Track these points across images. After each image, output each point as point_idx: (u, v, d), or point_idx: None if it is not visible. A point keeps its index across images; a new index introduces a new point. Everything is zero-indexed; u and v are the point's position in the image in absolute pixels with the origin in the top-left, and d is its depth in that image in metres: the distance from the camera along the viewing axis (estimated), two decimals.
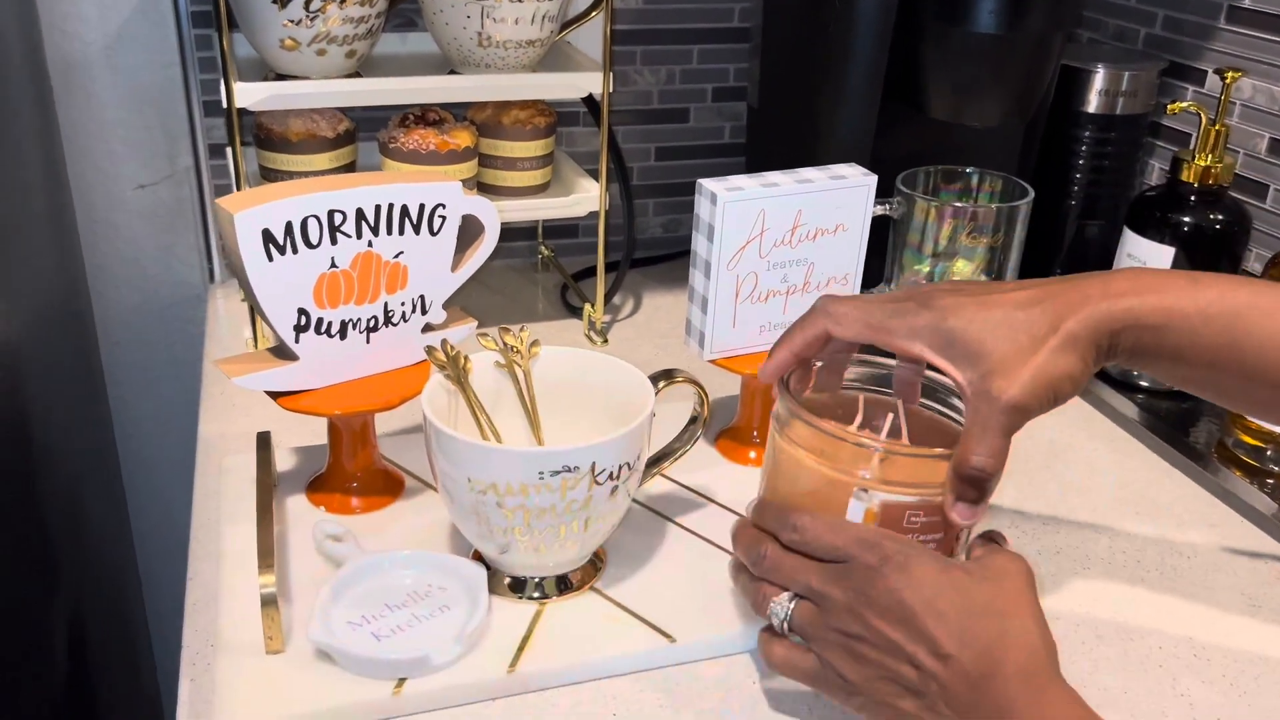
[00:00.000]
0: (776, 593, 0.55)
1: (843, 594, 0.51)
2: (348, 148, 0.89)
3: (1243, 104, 0.94)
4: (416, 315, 0.69)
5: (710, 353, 0.74)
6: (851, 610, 0.51)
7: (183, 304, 1.05)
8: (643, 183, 1.12)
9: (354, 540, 0.65)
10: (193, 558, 0.68)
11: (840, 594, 0.51)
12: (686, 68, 1.09)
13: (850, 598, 0.51)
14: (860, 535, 0.52)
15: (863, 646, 0.51)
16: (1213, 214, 0.85)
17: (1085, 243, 1.04)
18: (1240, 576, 0.70)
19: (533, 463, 0.56)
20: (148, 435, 1.08)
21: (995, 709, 0.48)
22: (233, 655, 0.58)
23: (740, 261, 0.71)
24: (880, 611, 0.50)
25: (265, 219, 0.60)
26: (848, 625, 0.51)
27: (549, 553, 0.60)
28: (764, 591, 0.55)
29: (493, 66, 0.86)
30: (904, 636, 0.49)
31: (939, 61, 0.85)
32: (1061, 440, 0.85)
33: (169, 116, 0.98)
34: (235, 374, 0.64)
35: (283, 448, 0.75)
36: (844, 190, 0.72)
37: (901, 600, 0.50)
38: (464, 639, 0.58)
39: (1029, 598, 0.51)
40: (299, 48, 0.80)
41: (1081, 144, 1.00)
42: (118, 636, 1.02)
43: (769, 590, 0.55)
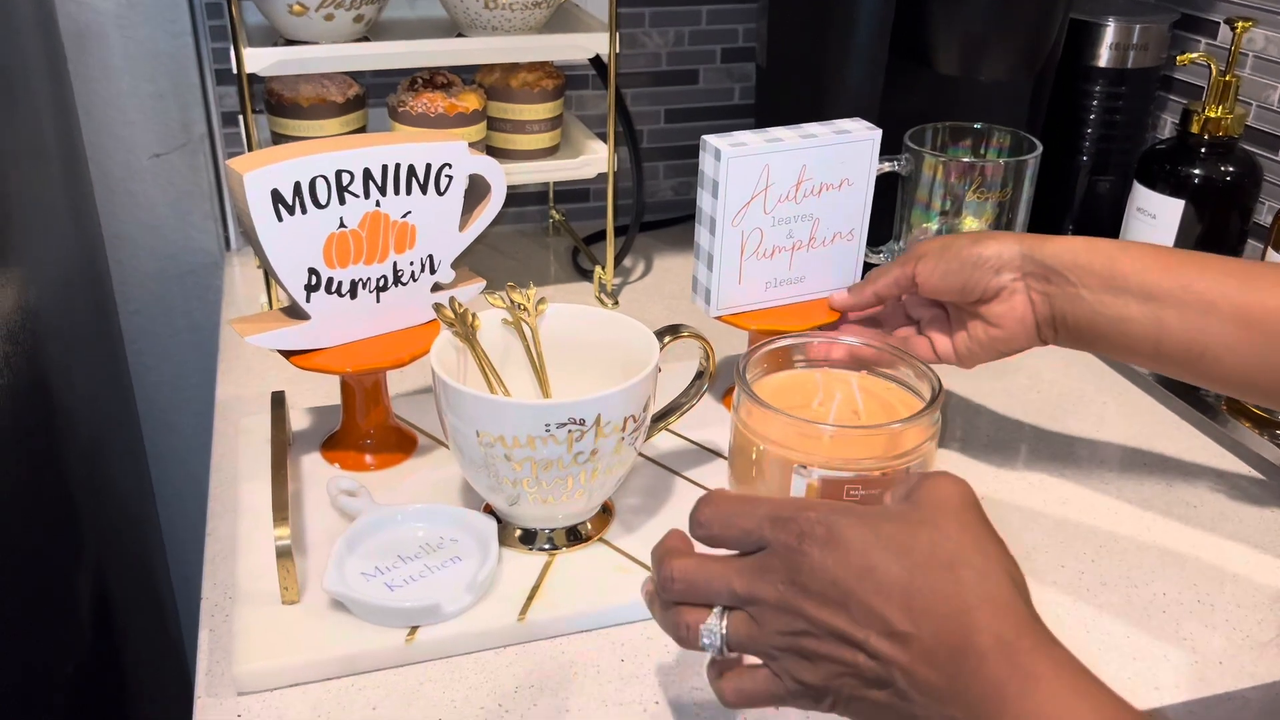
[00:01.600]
0: (701, 615, 0.46)
1: (770, 589, 0.43)
2: (357, 112, 0.90)
3: (1255, 55, 0.94)
4: (425, 275, 0.70)
5: (716, 309, 0.75)
6: (784, 605, 0.43)
7: (200, 270, 1.06)
8: (653, 145, 1.13)
9: (367, 495, 0.66)
10: (211, 514, 0.69)
11: (768, 590, 0.43)
12: (695, 29, 1.09)
13: (780, 591, 0.43)
14: (772, 512, 0.44)
15: (809, 642, 0.43)
16: (1223, 166, 0.84)
17: (1096, 198, 1.03)
18: (1247, 524, 0.71)
19: (539, 415, 0.57)
20: (167, 398, 1.10)
21: (980, 696, 0.39)
22: (250, 606, 0.59)
23: (745, 217, 0.72)
24: (814, 598, 0.42)
25: (274, 179, 0.61)
26: (787, 624, 0.43)
27: (557, 504, 0.62)
28: (685, 619, 0.46)
29: (500, 29, 0.87)
30: (848, 622, 0.41)
31: (946, 16, 0.85)
32: (1071, 393, 0.85)
33: (182, 85, 0.99)
34: (248, 333, 0.65)
35: (298, 408, 0.77)
36: (848, 145, 0.72)
37: (834, 579, 0.42)
38: (475, 588, 0.59)
39: (977, 530, 0.43)
40: (307, 13, 0.81)
41: (1092, 99, 0.99)
42: (142, 592, 1.05)
43: (691, 616, 0.46)
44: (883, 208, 0.90)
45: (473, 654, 0.58)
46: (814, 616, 0.42)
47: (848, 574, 0.42)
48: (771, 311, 0.76)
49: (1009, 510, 0.71)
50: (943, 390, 0.63)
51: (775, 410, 0.60)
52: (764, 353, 0.67)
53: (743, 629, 0.45)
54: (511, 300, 0.67)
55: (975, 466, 0.76)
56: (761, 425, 0.61)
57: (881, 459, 0.60)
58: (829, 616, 0.42)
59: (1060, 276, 0.65)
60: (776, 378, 0.68)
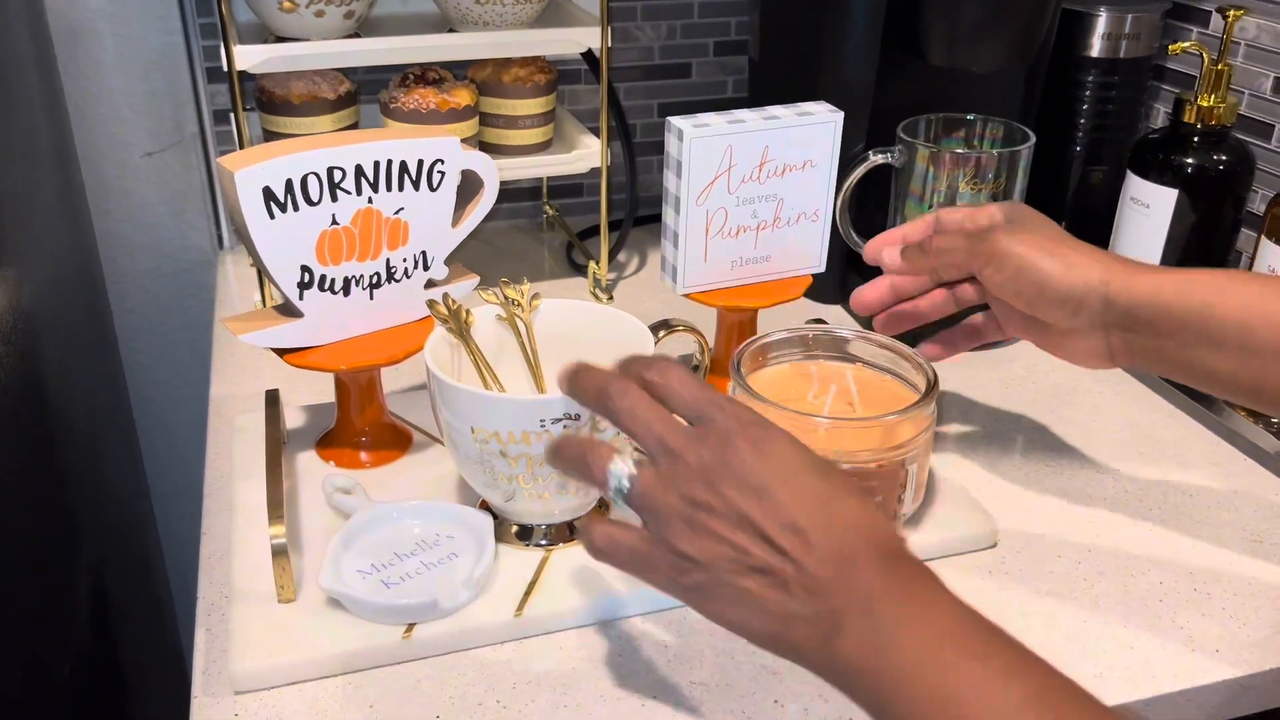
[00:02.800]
0: (610, 454, 0.48)
1: (696, 457, 0.46)
2: (349, 109, 0.90)
3: (1247, 44, 0.94)
4: (419, 271, 0.69)
5: (683, 287, 0.76)
6: (704, 476, 0.46)
7: (193, 269, 1.06)
8: (646, 139, 1.12)
9: (363, 492, 0.66)
10: (206, 513, 0.69)
11: (694, 457, 0.46)
12: (687, 22, 1.09)
13: (704, 461, 0.46)
14: (722, 399, 0.48)
15: (708, 518, 0.45)
16: (1216, 155, 0.84)
17: (1090, 188, 1.03)
18: (1242, 513, 0.71)
19: (534, 411, 0.57)
20: (162, 397, 1.10)
21: (855, 594, 0.44)
22: (246, 605, 0.59)
23: (709, 197, 0.73)
24: (736, 481, 0.45)
25: (265, 176, 0.61)
26: (696, 492, 0.46)
27: (553, 500, 0.62)
28: (599, 451, 0.49)
29: (491, 24, 0.86)
30: (758, 510, 0.45)
31: (939, 7, 0.85)
32: (1067, 384, 0.85)
33: (174, 83, 0.99)
34: (241, 331, 0.65)
35: (292, 406, 0.76)
36: (810, 126, 0.73)
37: (760, 470, 0.45)
38: (472, 584, 0.59)
39: None
40: (298, 10, 0.81)
41: (1085, 89, 0.99)
42: (139, 590, 1.05)
43: (605, 451, 0.49)
44: (877, 199, 0.90)
45: (470, 650, 0.58)
46: (727, 495, 0.45)
47: (774, 473, 0.45)
48: (738, 290, 0.77)
49: (1006, 500, 0.71)
50: (938, 383, 0.63)
51: (770, 403, 0.61)
52: (758, 346, 0.67)
53: (649, 481, 0.47)
54: (505, 296, 0.67)
55: (972, 457, 0.76)
56: None
57: (877, 451, 0.60)
58: (741, 500, 0.45)
59: (1147, 326, 0.59)
60: (771, 370, 0.68)
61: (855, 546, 0.44)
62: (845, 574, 0.44)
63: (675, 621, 0.61)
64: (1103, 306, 0.60)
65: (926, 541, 0.66)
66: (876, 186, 0.89)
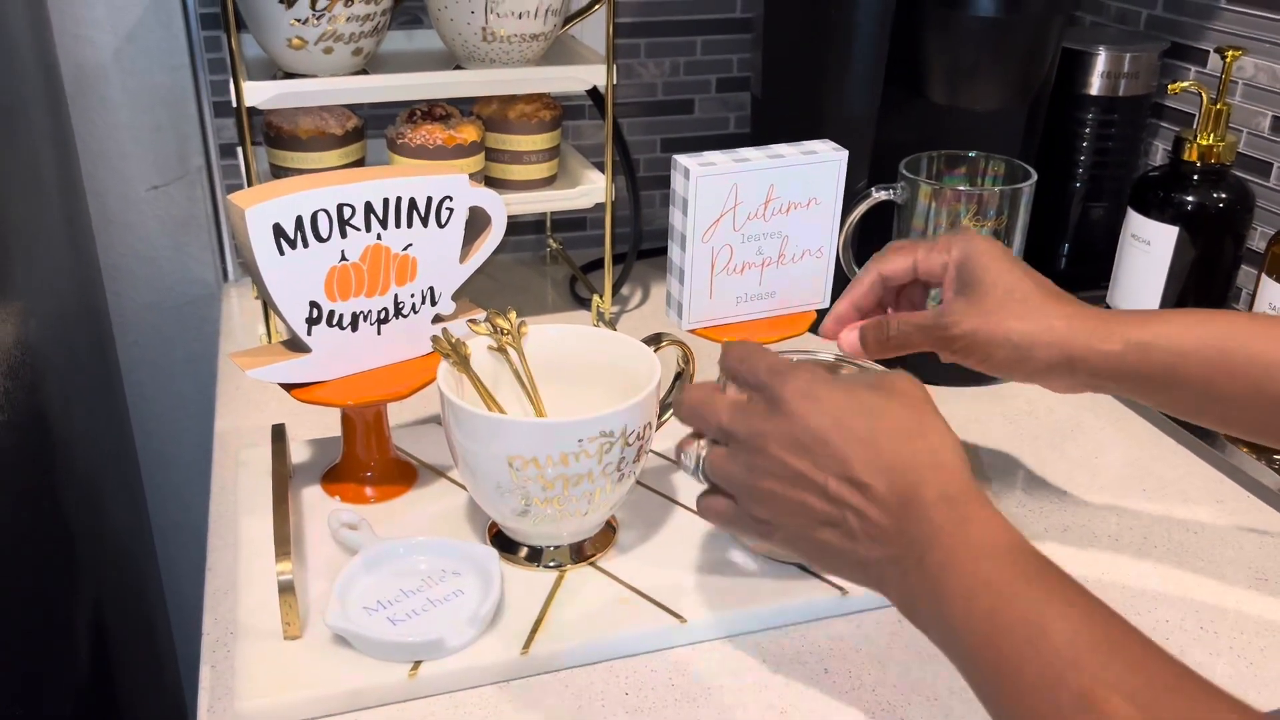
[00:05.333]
0: (692, 442, 0.55)
1: (745, 429, 0.49)
2: (356, 144, 0.90)
3: (1245, 83, 0.95)
4: (426, 306, 0.70)
5: (689, 322, 0.77)
6: (754, 444, 0.49)
7: (197, 302, 1.06)
8: (649, 174, 1.13)
9: (368, 528, 0.66)
10: (211, 548, 0.69)
11: (744, 429, 0.50)
12: (690, 59, 1.10)
13: (755, 429, 0.49)
14: (770, 363, 0.50)
15: (770, 481, 0.48)
16: (1216, 193, 0.85)
17: (1091, 224, 1.04)
18: (1247, 550, 0.71)
19: (573, 431, 0.59)
20: (165, 431, 1.10)
21: (918, 535, 0.45)
22: (252, 641, 0.59)
23: (715, 234, 0.74)
24: (782, 440, 0.48)
25: (276, 214, 0.62)
26: (754, 459, 0.49)
27: (587, 517, 0.63)
28: (681, 442, 0.55)
29: (497, 61, 0.87)
30: (810, 465, 0.47)
31: (940, 46, 0.86)
32: (1069, 420, 0.85)
33: (180, 117, 1.00)
34: (249, 367, 0.65)
35: (297, 440, 0.76)
36: (815, 165, 0.74)
37: (807, 426, 0.47)
38: (478, 621, 0.59)
39: (934, 415, 0.49)
40: (306, 46, 0.81)
41: (1085, 126, 1.00)
42: (139, 628, 1.04)
43: (686, 440, 0.55)
44: (880, 235, 0.91)
45: (476, 688, 0.58)
46: (777, 456, 0.48)
47: (820, 423, 0.47)
48: (743, 325, 0.78)
49: None
50: None
51: None
52: None
53: (717, 460, 0.51)
54: (495, 326, 0.68)
55: None
56: None
57: None
58: (792, 459, 0.47)
59: (1116, 385, 0.60)
60: None
61: (913, 489, 0.46)
62: (906, 518, 0.45)
63: (680, 661, 0.60)
64: (1070, 368, 0.60)
65: None
66: (879, 222, 0.89)
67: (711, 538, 0.68)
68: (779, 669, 0.60)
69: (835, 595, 0.64)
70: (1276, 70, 0.92)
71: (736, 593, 0.64)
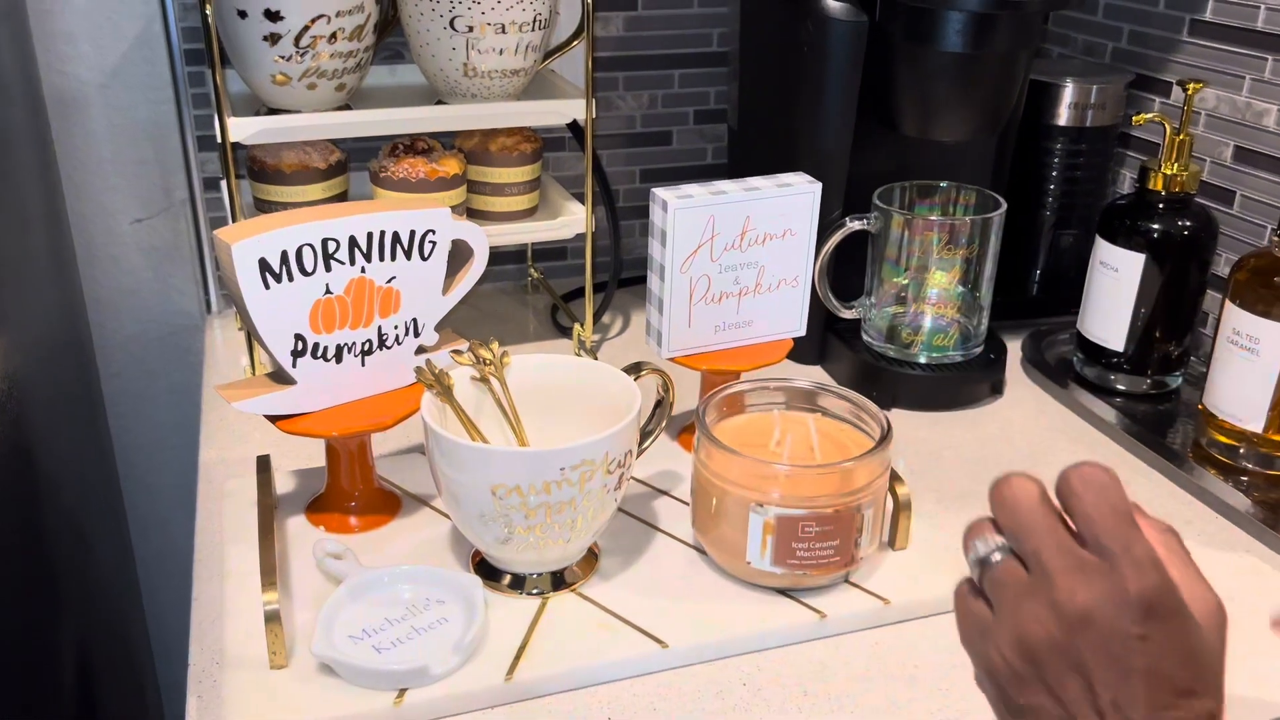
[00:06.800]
0: (990, 531, 0.44)
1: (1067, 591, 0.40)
2: (339, 178, 0.91)
3: (1208, 113, 0.97)
4: (410, 338, 0.71)
5: (669, 351, 0.78)
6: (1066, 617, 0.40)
7: (181, 334, 1.07)
8: (629, 204, 1.15)
9: (353, 557, 0.67)
10: (197, 579, 0.69)
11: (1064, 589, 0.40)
12: (668, 92, 1.12)
13: (1076, 601, 0.40)
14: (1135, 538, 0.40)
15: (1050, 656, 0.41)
16: (1180, 220, 0.87)
17: (1061, 251, 1.06)
18: (1215, 570, 0.72)
19: (555, 459, 0.60)
20: (148, 462, 1.10)
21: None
22: (238, 671, 0.60)
23: (693, 265, 0.75)
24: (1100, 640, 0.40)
25: (262, 249, 0.63)
26: (1049, 626, 0.41)
27: (570, 544, 0.64)
28: (977, 525, 0.45)
29: (479, 96, 0.89)
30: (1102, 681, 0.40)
31: (910, 80, 0.88)
32: (1042, 445, 0.87)
33: (164, 151, 1.01)
34: (235, 399, 0.66)
35: (282, 471, 0.77)
36: (790, 197, 0.76)
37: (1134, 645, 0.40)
38: (462, 649, 0.60)
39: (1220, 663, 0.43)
40: (290, 83, 0.83)
41: (1054, 156, 1.03)
42: (122, 660, 1.04)
43: (984, 526, 0.45)
44: (854, 264, 0.93)
45: (461, 715, 0.59)
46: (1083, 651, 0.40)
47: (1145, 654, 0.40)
48: (721, 354, 0.80)
49: None
50: (891, 430, 0.66)
51: (733, 451, 0.63)
52: (723, 397, 0.70)
53: (1008, 575, 0.43)
54: (478, 356, 0.69)
55: (948, 515, 0.77)
56: (721, 466, 0.65)
57: (834, 496, 0.63)
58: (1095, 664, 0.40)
59: None
60: (737, 420, 0.71)
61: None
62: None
63: (662, 686, 0.61)
64: None
65: (909, 602, 0.67)
66: (854, 251, 0.91)
67: (691, 563, 0.69)
68: (760, 692, 0.61)
69: (815, 618, 0.65)
70: (1237, 101, 0.94)
71: (717, 617, 0.65)
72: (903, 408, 0.91)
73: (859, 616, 0.66)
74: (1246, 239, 0.95)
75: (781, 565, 0.65)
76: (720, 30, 1.11)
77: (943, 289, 0.90)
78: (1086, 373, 0.94)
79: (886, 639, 0.65)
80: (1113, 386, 0.92)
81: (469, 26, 0.84)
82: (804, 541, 0.64)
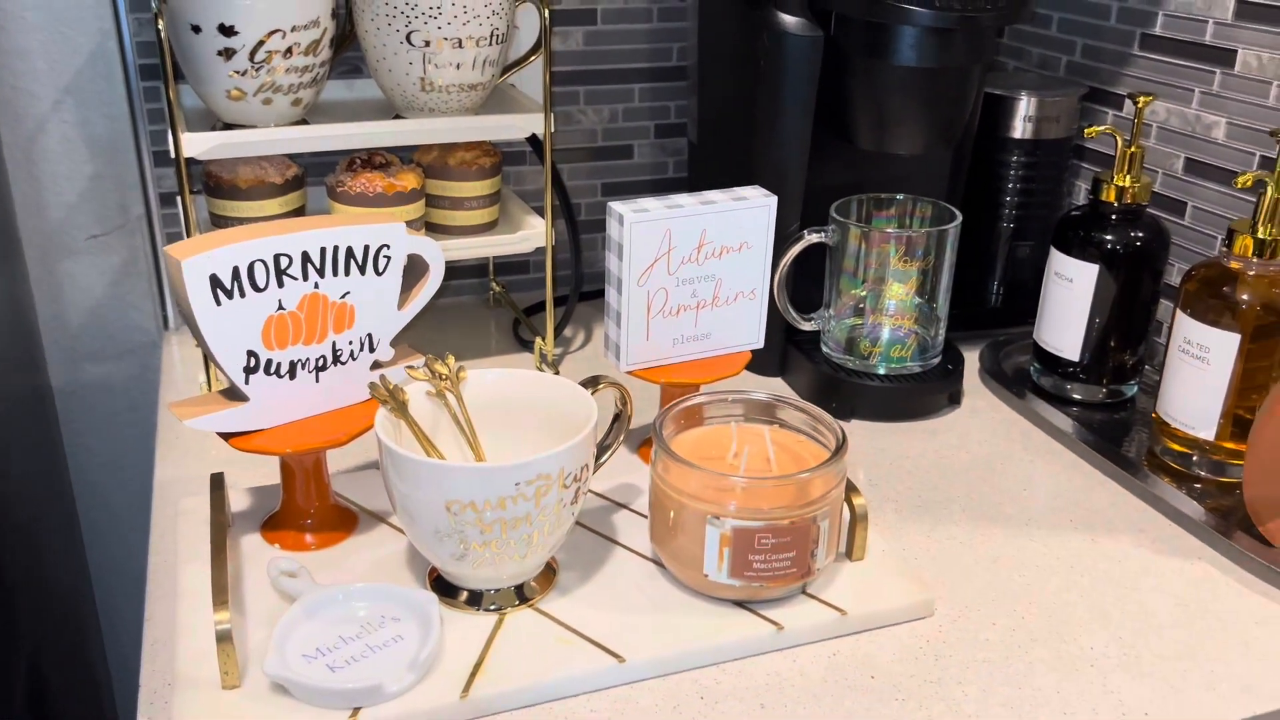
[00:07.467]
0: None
1: None
2: (296, 193, 0.91)
3: (1159, 126, 0.99)
4: (365, 353, 0.70)
5: (627, 364, 0.79)
6: None
7: (138, 351, 1.06)
8: (591, 218, 1.15)
9: (308, 575, 0.66)
10: (150, 599, 0.69)
11: None
12: (629, 106, 1.12)
13: None
14: None
15: None
16: (1133, 232, 0.89)
17: (1019, 262, 1.07)
18: (1168, 578, 0.73)
19: (510, 475, 0.59)
20: (107, 480, 1.09)
21: None
22: (190, 692, 0.59)
23: (650, 278, 0.76)
24: None
25: (212, 265, 0.62)
26: None
27: (526, 559, 0.64)
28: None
29: (436, 110, 0.89)
30: None
31: (865, 94, 0.89)
32: (999, 454, 0.88)
33: (120, 167, 1.00)
34: (187, 416, 0.65)
35: (238, 488, 0.76)
36: (746, 210, 0.77)
37: None
38: (417, 666, 0.59)
39: None
40: (245, 98, 0.82)
41: (1010, 168, 1.04)
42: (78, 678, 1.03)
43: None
44: (813, 276, 0.93)
45: None
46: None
47: None
48: (680, 366, 0.80)
49: (941, 569, 0.73)
50: (846, 442, 0.66)
51: (689, 464, 0.63)
52: (680, 410, 0.70)
53: None
54: (433, 371, 0.69)
55: (906, 525, 0.78)
56: (678, 480, 0.65)
57: (790, 508, 0.63)
58: None
59: None
60: (694, 433, 0.71)
61: None
62: None
63: (619, 701, 0.61)
64: None
65: (865, 613, 0.67)
66: (813, 263, 0.92)
67: (649, 577, 0.69)
68: (716, 705, 0.61)
69: (772, 630, 0.65)
70: (1187, 114, 0.96)
71: (675, 631, 0.65)
72: (862, 418, 0.92)
73: (816, 628, 0.66)
74: (1198, 249, 0.96)
75: (739, 577, 0.65)
76: (680, 45, 1.11)
77: (900, 300, 0.90)
78: (1043, 382, 0.95)
79: (844, 650, 0.66)
80: (1069, 396, 0.93)
81: (425, 41, 0.84)
82: (760, 553, 0.64)
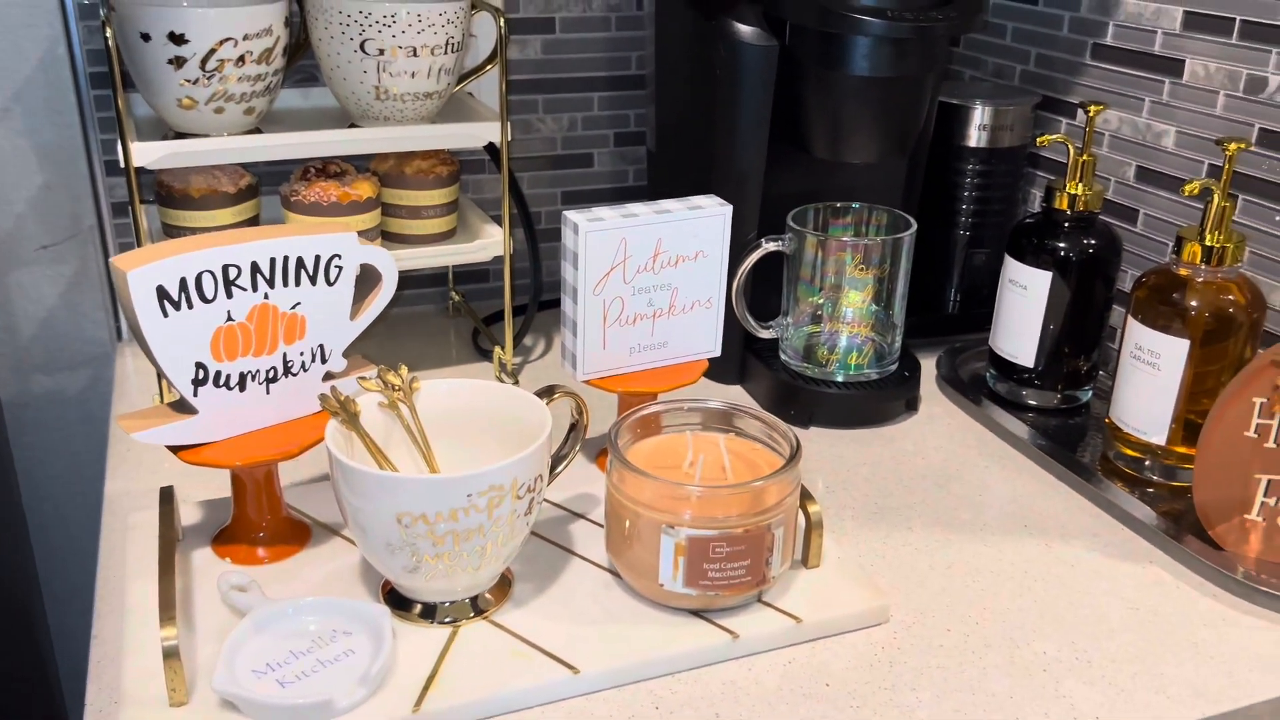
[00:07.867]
0: None
1: None
2: (250, 202, 0.90)
3: (1111, 134, 1.00)
4: (316, 364, 0.70)
5: (583, 374, 0.78)
6: None
7: (91, 362, 1.04)
8: (550, 226, 1.15)
9: (259, 589, 0.65)
10: (98, 615, 0.68)
11: None
12: (588, 114, 1.12)
13: None
14: None
15: None
16: (1086, 239, 0.89)
17: (976, 270, 1.08)
18: (1120, 582, 0.74)
19: (461, 486, 0.59)
20: (59, 494, 1.07)
21: None
22: (136, 710, 0.58)
23: (606, 287, 0.76)
24: None
25: (159, 276, 0.61)
26: None
27: (480, 571, 0.63)
28: None
29: (392, 119, 0.88)
30: None
31: (819, 104, 0.89)
32: (955, 460, 0.88)
33: (71, 176, 0.99)
34: (134, 429, 0.64)
35: (189, 502, 0.75)
36: (701, 219, 0.77)
37: None
38: (368, 680, 0.59)
39: None
40: (197, 106, 0.82)
41: (966, 176, 1.05)
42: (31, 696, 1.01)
43: None
44: (771, 284, 0.93)
45: None
46: None
47: None
48: (637, 375, 0.80)
49: (897, 575, 0.73)
50: (800, 449, 0.66)
51: (643, 474, 0.63)
52: (635, 419, 0.70)
53: None
54: (386, 382, 0.68)
55: (863, 532, 0.78)
56: (633, 489, 0.65)
57: (745, 516, 0.63)
58: None
59: None
60: (649, 442, 0.71)
61: None
62: None
63: (574, 712, 0.61)
64: None
65: (820, 620, 0.67)
66: (770, 271, 0.92)
67: (605, 587, 0.69)
68: (671, 715, 0.61)
69: (727, 639, 0.65)
70: (1138, 123, 0.97)
71: (630, 641, 0.64)
72: (820, 426, 0.92)
73: (771, 636, 0.66)
74: (1151, 256, 0.98)
75: (694, 586, 0.65)
76: (639, 53, 1.11)
77: (857, 308, 0.91)
78: (999, 389, 0.96)
79: (799, 657, 0.66)
80: (1024, 402, 0.94)
81: (380, 50, 0.84)
82: (715, 562, 0.64)
